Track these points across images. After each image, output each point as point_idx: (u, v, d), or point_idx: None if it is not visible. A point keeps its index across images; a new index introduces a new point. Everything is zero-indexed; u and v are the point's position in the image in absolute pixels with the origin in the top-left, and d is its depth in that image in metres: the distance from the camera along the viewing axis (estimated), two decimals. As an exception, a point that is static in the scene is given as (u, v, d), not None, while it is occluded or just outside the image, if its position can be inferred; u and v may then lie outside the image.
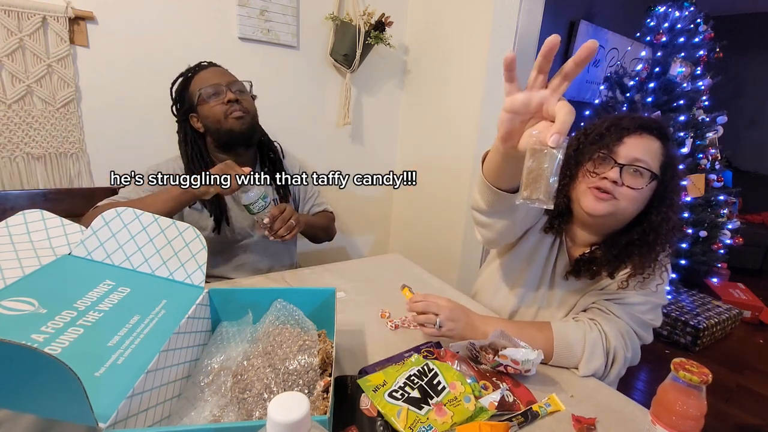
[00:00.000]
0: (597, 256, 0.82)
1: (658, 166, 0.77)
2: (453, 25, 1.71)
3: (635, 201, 0.76)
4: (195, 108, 1.12)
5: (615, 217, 0.78)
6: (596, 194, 0.77)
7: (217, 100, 1.10)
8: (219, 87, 1.11)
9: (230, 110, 1.11)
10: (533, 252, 0.91)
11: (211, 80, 1.11)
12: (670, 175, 0.78)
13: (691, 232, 2.51)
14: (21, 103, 1.19)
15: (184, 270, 0.66)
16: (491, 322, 0.80)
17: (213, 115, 1.11)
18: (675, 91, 2.53)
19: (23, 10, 1.13)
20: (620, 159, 0.76)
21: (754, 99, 4.05)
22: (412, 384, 0.61)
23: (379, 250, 2.25)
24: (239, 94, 1.13)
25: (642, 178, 0.75)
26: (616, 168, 0.75)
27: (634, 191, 0.75)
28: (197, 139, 1.15)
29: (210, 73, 1.13)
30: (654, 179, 0.76)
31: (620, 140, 0.78)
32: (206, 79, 1.11)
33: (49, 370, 0.34)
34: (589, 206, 0.78)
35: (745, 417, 1.78)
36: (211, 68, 1.15)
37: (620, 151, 0.77)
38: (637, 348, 0.79)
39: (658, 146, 0.78)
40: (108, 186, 1.32)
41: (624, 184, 0.75)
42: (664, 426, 0.53)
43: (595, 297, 0.82)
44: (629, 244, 0.79)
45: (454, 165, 1.79)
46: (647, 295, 0.79)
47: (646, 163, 0.75)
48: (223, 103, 1.10)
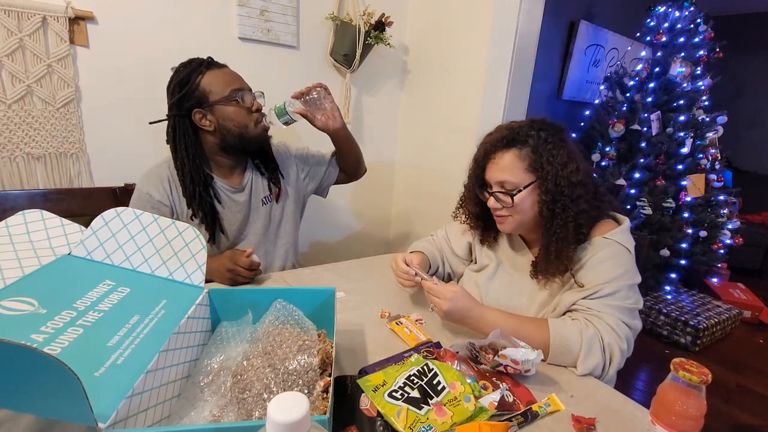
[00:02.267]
0: (543, 254, 0.87)
1: (524, 172, 0.84)
2: (453, 25, 1.71)
3: (522, 210, 0.86)
4: (204, 105, 1.06)
5: (523, 225, 0.88)
6: (497, 220, 0.90)
7: (247, 102, 1.09)
8: (248, 93, 1.10)
9: (259, 119, 1.11)
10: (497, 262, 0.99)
11: (235, 83, 1.09)
12: (545, 169, 0.83)
13: (691, 232, 2.50)
14: (21, 103, 1.19)
15: (183, 270, 0.66)
16: (490, 315, 0.82)
17: (239, 119, 1.08)
18: (675, 91, 2.53)
19: (23, 10, 1.13)
20: (491, 186, 0.88)
21: (754, 99, 4.04)
22: (412, 384, 0.61)
23: (379, 250, 2.25)
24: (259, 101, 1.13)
25: (507, 198, 0.85)
26: (491, 197, 0.87)
27: (513, 207, 0.85)
28: (194, 136, 1.09)
29: (228, 72, 1.11)
30: (522, 189, 0.84)
31: (484, 170, 0.90)
32: (227, 78, 1.09)
33: (49, 370, 0.35)
34: (499, 228, 0.91)
35: (745, 417, 1.78)
36: (228, 69, 1.12)
37: (488, 179, 0.89)
38: (630, 338, 0.79)
39: (512, 156, 0.85)
40: (108, 186, 1.32)
41: (504, 205, 0.86)
42: (663, 426, 0.53)
43: (573, 296, 0.83)
44: (554, 235, 0.84)
45: (454, 165, 1.79)
46: (617, 279, 0.80)
47: (507, 181, 0.85)
48: (251, 110, 1.09)
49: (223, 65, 1.12)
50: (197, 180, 1.08)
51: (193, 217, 1.09)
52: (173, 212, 1.10)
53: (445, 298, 0.79)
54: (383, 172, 2.13)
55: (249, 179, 1.19)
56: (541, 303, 0.89)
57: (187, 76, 1.06)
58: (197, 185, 1.07)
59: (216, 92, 1.06)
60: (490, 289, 0.97)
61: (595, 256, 0.82)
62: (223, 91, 1.06)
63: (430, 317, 0.93)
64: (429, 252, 1.07)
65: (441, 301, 0.80)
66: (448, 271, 1.11)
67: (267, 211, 1.22)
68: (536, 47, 1.58)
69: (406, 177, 2.13)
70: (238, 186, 1.17)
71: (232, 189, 1.16)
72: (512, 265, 0.97)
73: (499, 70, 1.54)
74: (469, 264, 1.08)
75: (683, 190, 2.49)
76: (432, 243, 1.12)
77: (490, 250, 1.02)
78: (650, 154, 2.53)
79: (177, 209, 1.10)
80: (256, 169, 1.21)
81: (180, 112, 1.06)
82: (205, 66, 1.08)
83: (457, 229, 1.10)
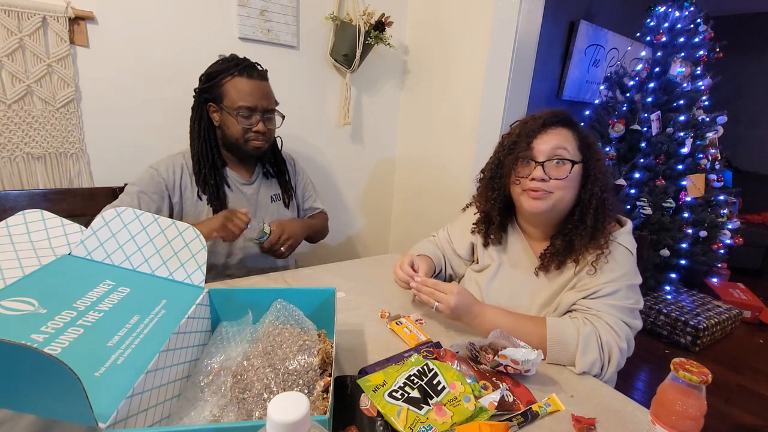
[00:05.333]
0: (557, 246, 0.87)
1: (575, 150, 0.84)
2: (453, 25, 1.71)
3: (567, 188, 0.83)
4: (218, 103, 1.12)
5: (557, 208, 0.85)
6: (532, 195, 0.85)
7: (245, 122, 1.11)
8: (254, 112, 1.11)
9: (253, 137, 1.13)
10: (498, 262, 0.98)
11: (250, 99, 1.10)
12: (590, 154, 0.85)
13: (691, 232, 2.50)
14: (21, 103, 1.19)
15: (183, 270, 0.66)
16: (490, 311, 0.83)
17: (234, 130, 1.13)
18: (675, 91, 2.53)
19: (23, 10, 1.13)
20: (539, 157, 0.83)
21: (754, 99, 4.04)
22: (412, 384, 0.61)
23: (379, 250, 2.25)
24: (268, 123, 1.15)
25: (565, 166, 0.82)
26: (539, 167, 0.83)
27: (562, 181, 0.82)
28: (209, 126, 1.16)
29: (254, 87, 1.11)
30: (576, 163, 0.83)
31: (533, 141, 0.85)
32: (247, 91, 1.10)
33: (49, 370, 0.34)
34: (530, 207, 0.86)
35: (745, 417, 1.78)
36: (258, 82, 1.12)
37: (536, 149, 0.84)
38: (630, 337, 0.79)
39: (567, 133, 0.85)
40: (108, 186, 1.33)
41: (551, 177, 0.82)
42: (663, 426, 0.53)
43: (574, 296, 0.83)
44: (574, 227, 0.84)
45: (455, 165, 1.79)
46: (617, 280, 0.81)
47: (563, 150, 0.83)
48: (249, 128, 1.12)
49: (259, 76, 1.13)
50: (204, 161, 1.15)
51: (200, 195, 1.16)
52: (171, 197, 1.14)
53: (452, 292, 0.80)
54: (383, 172, 2.13)
55: (258, 176, 1.27)
56: (542, 303, 0.89)
57: (218, 71, 1.11)
58: (203, 166, 1.14)
59: (230, 99, 1.11)
60: (492, 289, 0.97)
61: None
62: (234, 102, 1.10)
63: (430, 317, 0.93)
64: (434, 255, 1.07)
65: (449, 296, 0.80)
66: (450, 273, 1.11)
67: (275, 208, 1.29)
68: (536, 47, 1.58)
69: (406, 177, 2.13)
70: (248, 180, 1.25)
71: (241, 180, 1.23)
72: (514, 265, 0.97)
73: (499, 70, 1.54)
74: (471, 264, 1.08)
75: (683, 190, 2.49)
76: (434, 244, 1.13)
77: (492, 251, 1.01)
78: (650, 154, 2.53)
79: (180, 194, 1.15)
80: (262, 171, 1.28)
81: (199, 99, 1.15)
82: (240, 71, 1.11)
83: (459, 230, 1.10)
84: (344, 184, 2.01)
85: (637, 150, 2.57)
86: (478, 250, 1.05)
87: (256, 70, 1.14)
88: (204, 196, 1.16)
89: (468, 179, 1.70)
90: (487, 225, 1.00)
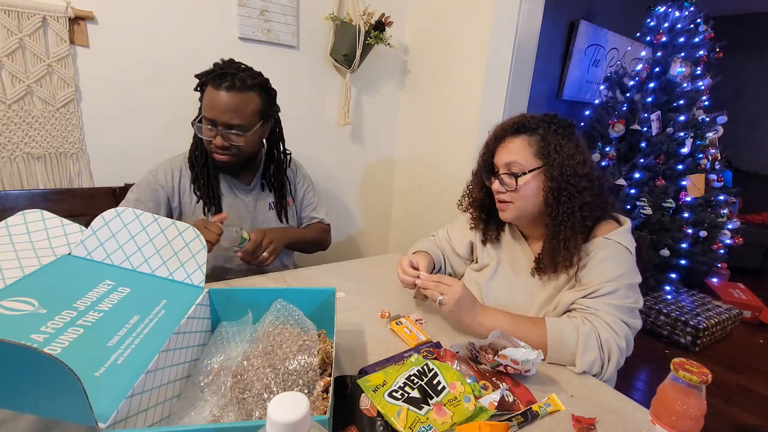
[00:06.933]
0: (546, 249, 0.87)
1: (531, 157, 0.85)
2: (453, 25, 1.71)
3: (524, 198, 0.86)
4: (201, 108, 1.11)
5: (524, 215, 0.88)
6: (498, 206, 0.91)
7: (206, 134, 1.08)
8: (214, 123, 1.05)
9: (214, 150, 1.09)
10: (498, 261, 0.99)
11: (212, 111, 1.04)
12: (554, 154, 0.84)
13: (691, 232, 2.50)
14: (21, 103, 1.19)
15: (183, 270, 0.66)
16: (489, 311, 0.83)
17: (203, 140, 1.11)
18: (675, 91, 2.53)
19: (23, 10, 1.13)
20: (499, 169, 0.88)
21: (754, 99, 4.04)
22: (412, 384, 0.61)
23: (379, 250, 2.24)
24: (232, 138, 1.07)
25: (513, 178, 0.85)
26: (496, 180, 0.88)
27: (515, 192, 0.86)
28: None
29: (219, 99, 1.03)
30: (524, 174, 0.85)
31: (493, 154, 0.91)
32: (211, 103, 1.04)
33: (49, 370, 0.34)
34: (501, 216, 0.92)
35: (745, 417, 1.78)
36: (225, 94, 1.03)
37: (496, 162, 0.90)
38: (629, 336, 0.79)
39: (522, 141, 0.87)
40: (108, 186, 1.33)
41: (508, 189, 0.86)
42: (663, 426, 0.53)
43: (573, 296, 0.83)
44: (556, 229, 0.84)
45: (455, 165, 1.79)
46: (617, 279, 0.80)
47: (514, 162, 0.86)
48: (209, 140, 1.08)
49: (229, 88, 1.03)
50: (197, 163, 1.15)
51: (196, 193, 1.15)
52: (170, 200, 1.14)
53: (457, 284, 0.81)
54: (383, 172, 2.13)
55: (257, 182, 1.25)
56: (541, 303, 0.90)
57: (201, 76, 1.09)
58: (196, 167, 1.15)
59: (203, 107, 1.08)
60: (491, 289, 0.97)
61: (595, 256, 0.83)
62: (203, 111, 1.08)
63: (430, 317, 0.93)
64: (433, 252, 1.08)
65: (454, 288, 0.80)
66: (450, 272, 1.11)
67: (273, 216, 1.27)
68: (536, 47, 1.58)
69: (406, 177, 2.13)
70: (247, 186, 1.23)
71: (240, 186, 1.22)
72: (513, 264, 0.97)
73: (499, 70, 1.54)
74: (471, 264, 1.08)
75: (683, 190, 2.49)
76: (434, 243, 1.13)
77: (491, 250, 1.02)
78: (650, 154, 2.53)
79: (179, 198, 1.15)
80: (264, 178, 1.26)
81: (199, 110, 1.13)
82: (212, 79, 1.05)
83: (458, 229, 1.10)
84: (344, 184, 2.01)
85: (637, 150, 2.57)
86: (477, 249, 1.05)
87: (228, 80, 1.03)
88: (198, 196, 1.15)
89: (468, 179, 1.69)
90: (483, 223, 1.01)
